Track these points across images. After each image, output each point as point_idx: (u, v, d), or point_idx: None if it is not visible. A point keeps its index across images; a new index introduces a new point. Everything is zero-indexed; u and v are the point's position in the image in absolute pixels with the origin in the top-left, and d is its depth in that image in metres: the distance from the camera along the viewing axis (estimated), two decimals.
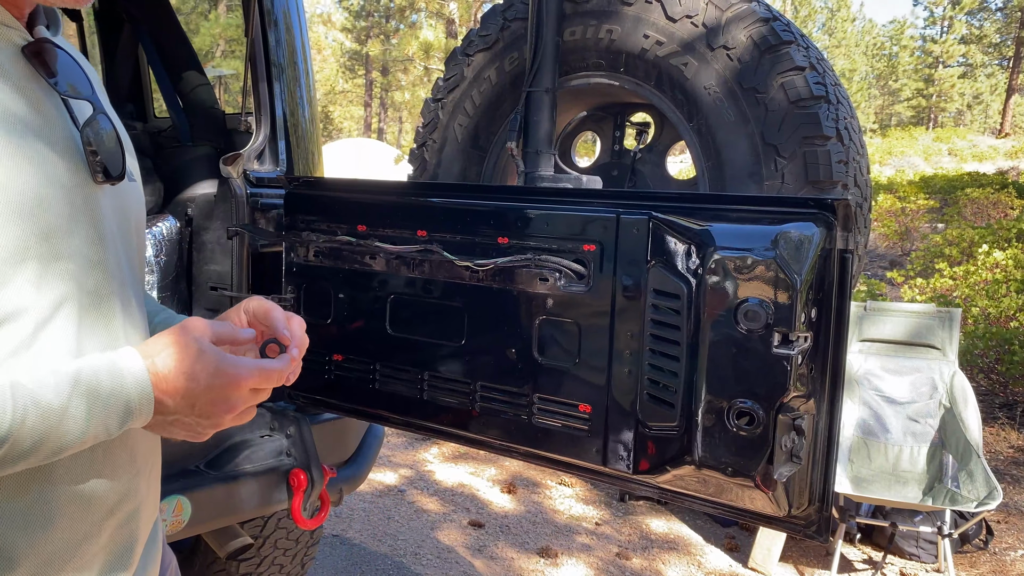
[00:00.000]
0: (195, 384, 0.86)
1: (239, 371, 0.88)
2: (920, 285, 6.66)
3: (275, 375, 0.91)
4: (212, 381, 0.86)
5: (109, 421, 0.82)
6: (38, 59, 0.86)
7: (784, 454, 1.31)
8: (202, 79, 2.68)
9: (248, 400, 0.90)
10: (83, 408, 0.80)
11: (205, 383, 0.86)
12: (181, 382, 0.85)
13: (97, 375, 0.81)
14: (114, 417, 0.82)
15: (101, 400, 0.81)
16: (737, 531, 4.09)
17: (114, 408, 0.82)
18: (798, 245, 1.28)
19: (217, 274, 2.12)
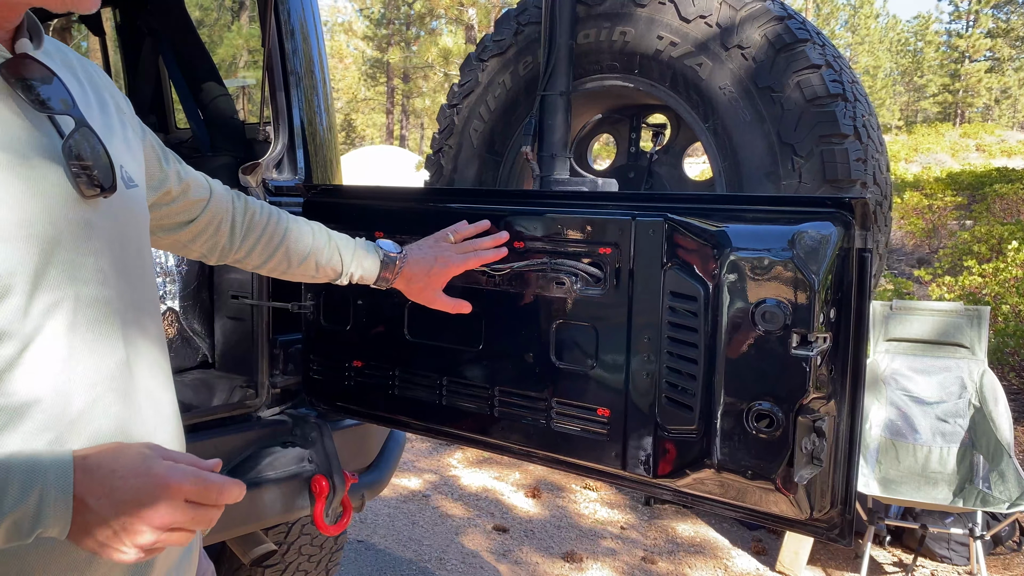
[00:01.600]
0: (120, 482, 0.77)
1: (171, 473, 0.78)
2: (948, 283, 6.57)
3: (213, 489, 0.80)
4: (138, 480, 0.77)
5: (19, 519, 0.74)
6: (17, 76, 0.85)
7: (804, 456, 1.30)
8: (221, 90, 2.71)
9: (183, 514, 0.78)
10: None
11: (132, 482, 0.77)
12: (106, 479, 0.77)
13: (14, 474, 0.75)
14: (27, 513, 0.75)
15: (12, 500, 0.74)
16: (764, 534, 4.05)
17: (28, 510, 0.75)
18: (816, 245, 1.26)
19: (238, 282, 2.14)
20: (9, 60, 0.86)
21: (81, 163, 0.87)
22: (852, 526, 1.34)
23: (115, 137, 1.00)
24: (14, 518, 0.74)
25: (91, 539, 0.78)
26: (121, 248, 0.95)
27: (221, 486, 0.81)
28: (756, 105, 1.78)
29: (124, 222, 0.96)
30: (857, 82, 1.83)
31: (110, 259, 0.92)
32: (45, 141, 0.86)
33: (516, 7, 2.27)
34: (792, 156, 1.74)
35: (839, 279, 1.28)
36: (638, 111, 2.40)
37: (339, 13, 37.52)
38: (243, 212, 1.36)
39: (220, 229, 1.32)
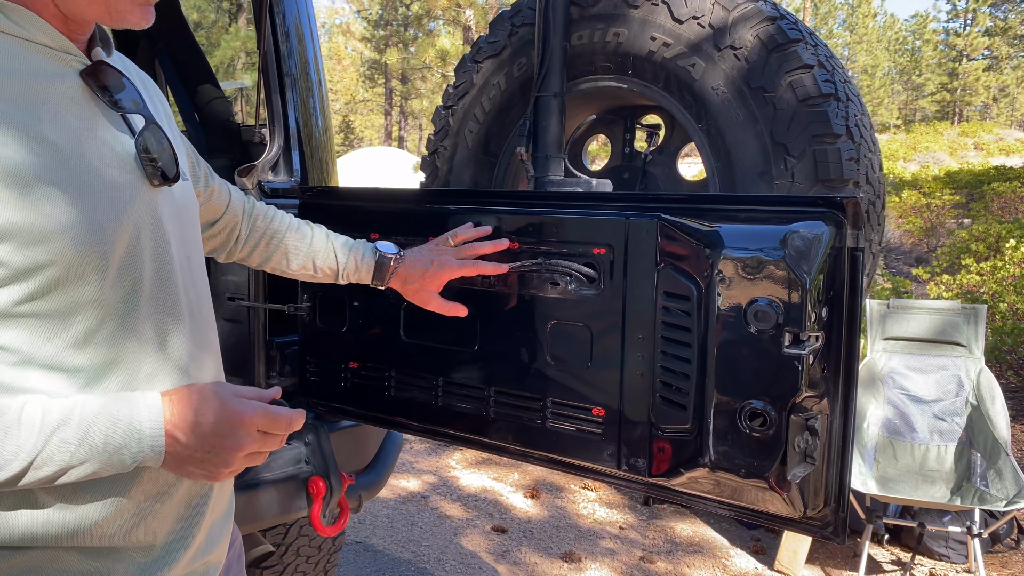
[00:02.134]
0: (203, 420, 0.92)
1: (244, 410, 0.94)
2: (946, 281, 6.57)
3: (282, 420, 0.96)
4: (219, 417, 0.93)
5: (123, 454, 0.89)
6: (96, 80, 0.97)
7: (797, 455, 1.30)
8: (217, 92, 2.71)
9: (257, 441, 0.95)
10: (100, 440, 0.88)
11: (212, 419, 0.92)
12: (190, 418, 0.92)
13: (117, 410, 0.90)
14: (129, 451, 0.90)
15: (118, 435, 0.89)
16: (763, 533, 4.06)
17: (127, 443, 0.89)
18: (807, 244, 1.27)
19: (235, 284, 2.14)
20: (89, 67, 0.97)
21: (149, 156, 0.99)
22: (846, 524, 1.35)
23: (171, 135, 1.11)
24: (120, 455, 0.89)
25: (183, 467, 0.94)
26: (183, 233, 1.07)
27: (289, 418, 0.97)
28: (749, 105, 1.79)
29: (184, 210, 1.09)
30: (850, 82, 1.84)
31: (179, 243, 1.05)
32: (122, 137, 0.98)
33: (510, 9, 2.28)
34: (785, 156, 1.75)
35: (831, 278, 1.29)
36: (632, 112, 2.40)
37: (337, 15, 37.53)
38: (251, 215, 1.49)
39: (232, 232, 1.46)
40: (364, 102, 40.43)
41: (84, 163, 0.91)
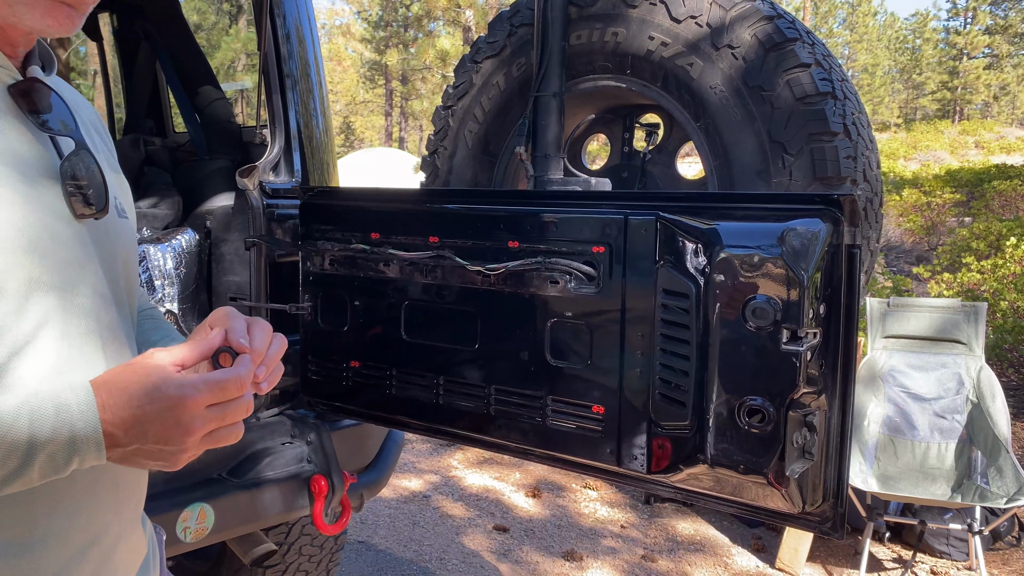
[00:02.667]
0: (139, 411, 0.80)
1: (182, 391, 0.80)
2: (947, 280, 6.58)
3: (230, 385, 0.82)
4: (155, 405, 0.80)
5: (56, 457, 0.79)
6: (25, 98, 0.89)
7: (796, 450, 1.31)
8: (218, 94, 2.72)
9: (208, 419, 0.82)
10: (24, 443, 0.77)
11: (149, 408, 0.80)
12: (126, 411, 0.80)
13: (42, 409, 0.78)
14: (61, 453, 0.79)
15: (45, 435, 0.77)
16: (764, 531, 4.06)
17: (59, 443, 0.78)
18: (804, 241, 1.28)
19: (236, 284, 2.15)
20: (19, 82, 0.90)
21: (76, 183, 0.90)
22: (844, 519, 1.36)
23: (111, 171, 1.02)
24: (49, 453, 0.78)
25: (137, 460, 0.83)
26: (110, 271, 0.96)
27: (235, 380, 0.82)
28: (746, 104, 1.80)
29: (114, 247, 0.98)
30: (847, 80, 1.85)
31: (102, 279, 0.94)
32: (46, 159, 0.90)
33: (509, 9, 2.29)
34: (783, 154, 1.76)
35: (828, 275, 1.30)
36: (631, 111, 2.41)
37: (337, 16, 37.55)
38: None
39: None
40: (364, 103, 40.45)
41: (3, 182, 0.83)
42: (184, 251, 2.20)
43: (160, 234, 2.26)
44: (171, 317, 2.15)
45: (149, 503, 1.82)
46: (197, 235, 2.25)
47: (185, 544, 1.84)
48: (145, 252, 2.15)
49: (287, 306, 1.98)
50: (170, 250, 2.17)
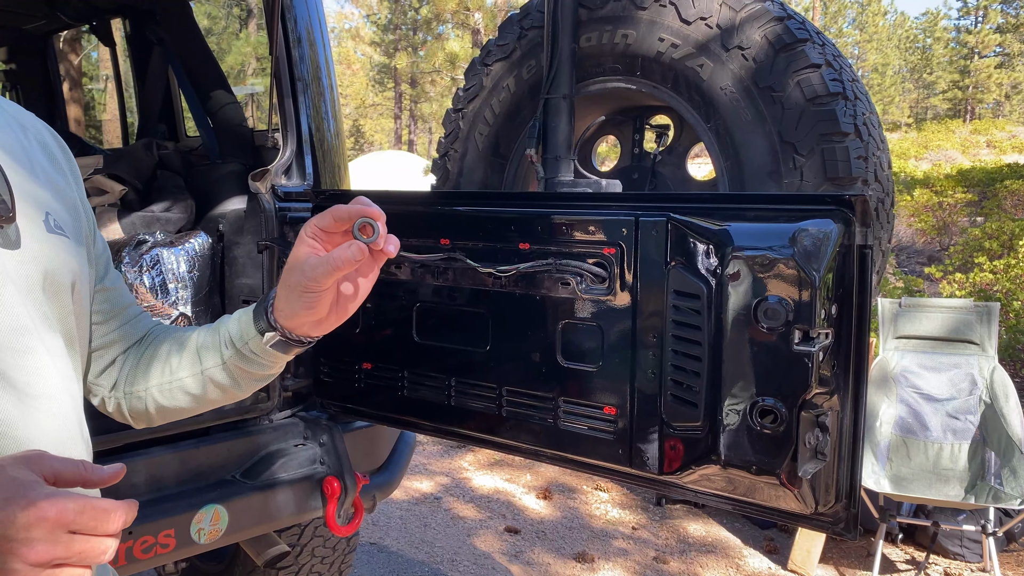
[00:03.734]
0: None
1: (48, 499, 0.65)
2: (959, 280, 6.54)
3: (100, 514, 0.67)
4: (8, 511, 0.64)
5: None
6: None
7: (808, 451, 1.31)
8: (230, 98, 2.74)
9: (61, 545, 0.65)
10: None
11: (1, 511, 0.64)
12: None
13: None
14: None
15: None
16: (776, 533, 4.05)
17: None
18: (816, 242, 1.28)
19: (249, 287, 2.17)
20: None
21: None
22: (857, 520, 1.36)
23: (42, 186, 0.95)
24: None
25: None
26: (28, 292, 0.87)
27: (109, 511, 0.67)
28: (757, 105, 1.80)
29: (33, 264, 0.88)
30: (857, 80, 1.85)
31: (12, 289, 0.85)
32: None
33: (519, 12, 2.30)
34: (793, 155, 1.76)
35: (840, 276, 1.30)
36: (641, 112, 2.42)
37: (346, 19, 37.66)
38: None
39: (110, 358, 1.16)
40: (374, 106, 40.55)
41: None
42: (197, 254, 2.21)
43: (173, 237, 2.27)
44: (184, 320, 2.17)
45: (163, 505, 1.84)
46: (210, 238, 2.27)
47: (199, 545, 1.86)
48: (159, 256, 2.16)
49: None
50: (183, 253, 2.19)
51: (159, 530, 1.79)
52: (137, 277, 2.13)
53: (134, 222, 2.44)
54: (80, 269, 0.97)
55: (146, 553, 1.76)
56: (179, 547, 1.82)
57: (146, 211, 2.47)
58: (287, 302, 0.96)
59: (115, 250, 2.22)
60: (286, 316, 0.97)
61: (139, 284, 2.13)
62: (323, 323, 0.98)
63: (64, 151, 1.05)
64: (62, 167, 1.03)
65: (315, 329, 0.99)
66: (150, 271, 2.14)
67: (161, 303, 2.13)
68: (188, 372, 1.06)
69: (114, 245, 2.27)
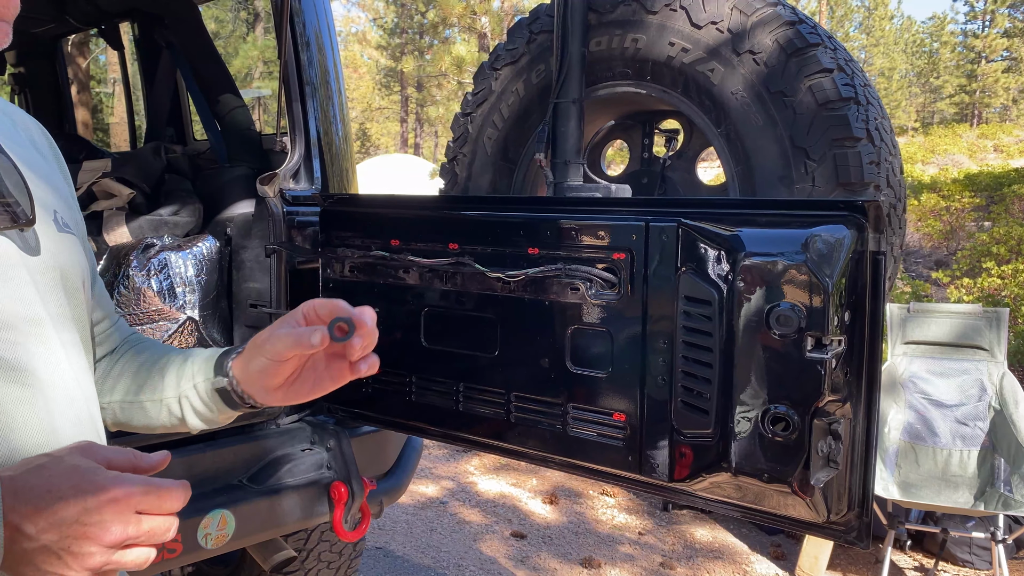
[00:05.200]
0: (60, 503, 0.67)
1: (117, 484, 0.69)
2: (967, 285, 6.52)
3: (167, 496, 0.70)
4: (80, 498, 0.67)
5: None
6: None
7: (821, 459, 1.30)
8: (238, 102, 2.74)
9: (132, 525, 0.69)
10: None
11: (72, 500, 0.67)
12: (42, 501, 0.67)
13: None
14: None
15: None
16: (783, 539, 4.03)
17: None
18: (829, 248, 1.27)
19: (256, 291, 2.16)
20: None
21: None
22: (870, 528, 1.34)
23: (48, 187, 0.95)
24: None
25: (32, 568, 0.68)
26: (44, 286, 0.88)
27: (171, 490, 0.71)
28: (768, 110, 1.79)
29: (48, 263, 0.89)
30: (869, 85, 1.83)
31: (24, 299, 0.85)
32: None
33: (528, 16, 2.29)
34: (805, 160, 1.75)
35: (853, 282, 1.29)
36: (650, 117, 2.41)
37: (353, 23, 37.74)
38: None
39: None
40: (380, 110, 40.63)
41: None
42: (205, 258, 2.21)
43: (181, 241, 2.27)
44: (192, 324, 2.16)
45: None
46: (218, 242, 2.26)
47: (206, 550, 1.85)
48: (166, 259, 2.16)
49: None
50: (191, 257, 2.19)
51: None
52: (145, 281, 2.13)
53: (142, 226, 2.44)
54: (87, 268, 0.98)
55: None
56: (186, 552, 1.81)
57: (154, 215, 2.47)
58: (249, 356, 0.97)
59: (123, 254, 2.22)
60: (240, 368, 0.98)
61: (147, 288, 2.12)
62: (271, 395, 0.98)
63: (53, 148, 1.05)
64: (55, 164, 1.03)
65: (261, 395, 0.99)
66: (158, 275, 2.14)
67: (169, 307, 2.13)
68: (148, 396, 1.06)
69: (122, 249, 2.26)
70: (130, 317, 2.13)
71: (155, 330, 2.13)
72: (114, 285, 2.16)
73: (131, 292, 2.13)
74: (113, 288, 2.16)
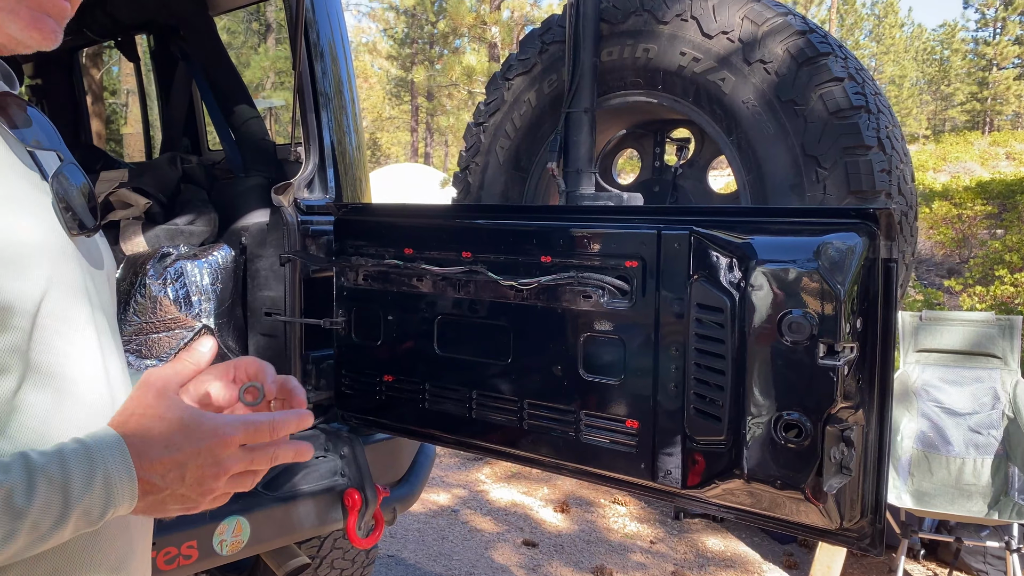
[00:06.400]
0: (179, 453, 0.78)
1: (223, 428, 0.80)
2: (980, 293, 6.49)
3: (264, 427, 0.82)
4: (197, 445, 0.79)
5: (91, 512, 0.76)
6: (2, 112, 0.85)
7: (833, 466, 1.30)
8: (253, 112, 2.77)
9: (240, 459, 0.81)
10: (59, 502, 0.73)
11: (190, 448, 0.79)
12: (164, 455, 0.78)
13: (69, 464, 0.74)
14: (96, 507, 0.76)
15: (78, 491, 0.74)
16: (796, 548, 4.02)
17: (95, 498, 0.75)
18: (841, 255, 1.28)
19: (271, 300, 2.18)
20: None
21: (66, 202, 0.87)
22: (883, 535, 1.35)
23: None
24: (84, 507, 0.75)
25: (164, 508, 0.82)
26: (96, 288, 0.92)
27: (273, 423, 0.82)
28: (779, 118, 1.80)
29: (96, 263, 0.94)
30: (880, 94, 1.84)
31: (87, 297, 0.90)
32: (31, 176, 0.86)
33: (540, 26, 2.32)
34: (816, 168, 1.76)
35: (865, 289, 1.29)
36: (662, 126, 2.42)
37: (363, 34, 37.94)
38: None
39: None
40: (391, 119, 40.81)
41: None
42: (220, 267, 2.23)
43: (197, 250, 2.29)
44: (208, 332, 2.18)
45: (186, 516, 1.84)
46: (233, 251, 2.29)
47: (221, 557, 1.86)
48: (182, 268, 2.19)
49: (321, 321, 2.00)
50: (207, 266, 2.21)
51: (182, 541, 1.80)
52: (161, 290, 2.15)
53: (158, 235, 2.47)
54: (113, 264, 1.03)
55: (169, 564, 1.78)
56: (201, 558, 1.83)
57: (170, 224, 2.50)
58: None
59: (140, 263, 2.25)
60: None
61: (163, 296, 2.15)
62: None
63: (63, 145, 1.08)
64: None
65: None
66: (174, 284, 2.16)
67: (185, 315, 2.15)
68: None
69: (139, 258, 2.29)
70: (146, 325, 2.16)
71: (171, 338, 2.15)
72: (131, 294, 2.18)
73: (148, 300, 2.15)
74: (130, 296, 2.18)
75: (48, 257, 0.83)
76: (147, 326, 2.15)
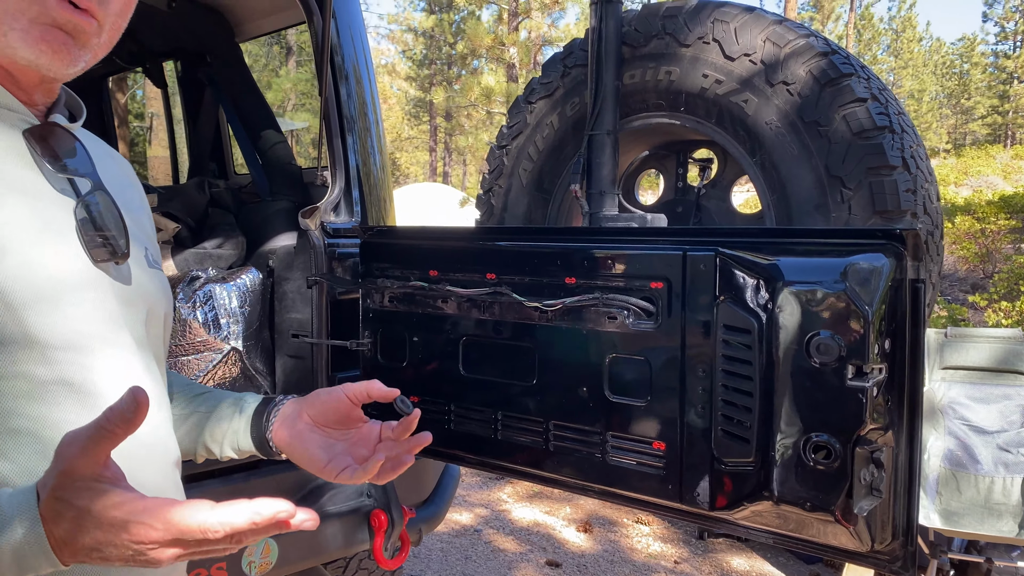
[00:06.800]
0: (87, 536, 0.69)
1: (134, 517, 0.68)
2: (1005, 308, 6.41)
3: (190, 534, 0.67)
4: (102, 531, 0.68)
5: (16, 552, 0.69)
6: (42, 142, 0.87)
7: (863, 487, 1.30)
8: (279, 137, 2.81)
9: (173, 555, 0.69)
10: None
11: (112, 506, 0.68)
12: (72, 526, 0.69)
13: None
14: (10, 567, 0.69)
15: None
16: (822, 568, 3.97)
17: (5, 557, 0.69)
18: (868, 276, 1.28)
19: (298, 322, 2.20)
20: (36, 126, 0.89)
21: (96, 226, 0.89)
22: (915, 558, 1.33)
23: (138, 224, 1.01)
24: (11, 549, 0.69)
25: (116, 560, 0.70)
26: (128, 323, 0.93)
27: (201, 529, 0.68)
28: (803, 139, 1.81)
29: (137, 296, 0.95)
30: (904, 113, 1.85)
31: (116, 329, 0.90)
32: (62, 203, 0.88)
33: (562, 51, 2.34)
34: (841, 188, 1.76)
35: (893, 310, 1.29)
36: (684, 147, 2.43)
37: (383, 55, 38.33)
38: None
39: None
40: (409, 139, 41.12)
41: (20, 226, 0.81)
42: (248, 290, 2.26)
43: (225, 273, 2.33)
44: (236, 354, 2.21)
45: None
46: (260, 274, 2.32)
47: None
48: (211, 291, 2.22)
49: (348, 342, 2.02)
50: (235, 289, 2.24)
51: (211, 563, 1.81)
52: (191, 313, 2.18)
53: (187, 259, 2.51)
54: (169, 303, 1.06)
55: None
56: None
57: (199, 248, 2.54)
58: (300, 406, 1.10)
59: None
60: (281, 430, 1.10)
61: (192, 319, 2.18)
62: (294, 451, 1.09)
63: (140, 187, 1.13)
64: (143, 204, 1.11)
65: (287, 448, 1.10)
66: (203, 307, 2.19)
67: (214, 338, 2.18)
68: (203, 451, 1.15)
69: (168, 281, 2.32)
70: (176, 348, 2.18)
71: (200, 360, 2.18)
72: None
73: (177, 323, 2.18)
74: None
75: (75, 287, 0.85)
76: (176, 349, 2.18)
